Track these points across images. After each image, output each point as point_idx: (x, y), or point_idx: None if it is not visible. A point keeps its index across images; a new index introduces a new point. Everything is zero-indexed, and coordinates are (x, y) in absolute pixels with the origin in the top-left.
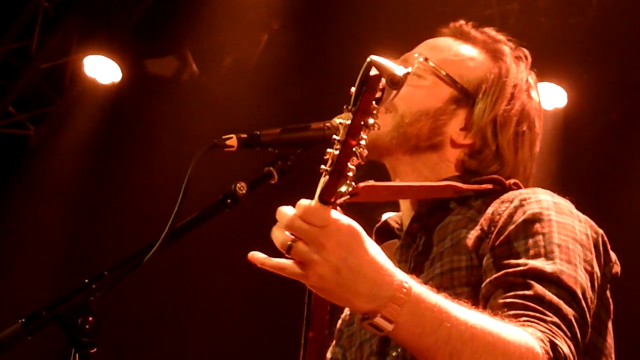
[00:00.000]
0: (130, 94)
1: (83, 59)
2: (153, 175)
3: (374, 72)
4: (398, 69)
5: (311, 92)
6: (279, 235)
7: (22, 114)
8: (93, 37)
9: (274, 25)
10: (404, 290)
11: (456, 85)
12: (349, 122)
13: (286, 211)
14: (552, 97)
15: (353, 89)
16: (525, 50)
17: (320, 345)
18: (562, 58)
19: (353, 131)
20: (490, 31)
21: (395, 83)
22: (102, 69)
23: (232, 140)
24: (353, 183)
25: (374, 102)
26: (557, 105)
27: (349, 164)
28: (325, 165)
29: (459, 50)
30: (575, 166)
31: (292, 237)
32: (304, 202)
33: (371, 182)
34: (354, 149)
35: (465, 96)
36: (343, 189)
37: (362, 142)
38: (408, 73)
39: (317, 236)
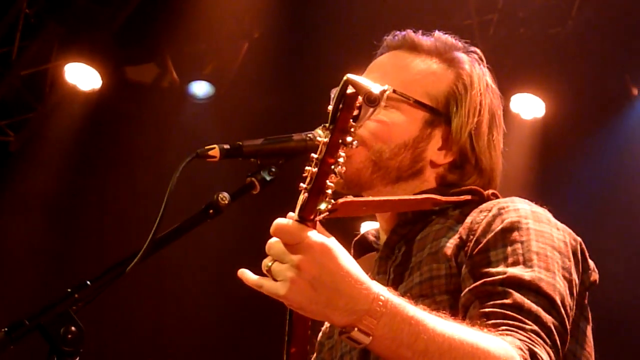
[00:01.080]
0: (111, 100)
1: (63, 65)
2: (133, 182)
3: (350, 90)
4: (374, 87)
5: (291, 100)
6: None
7: (2, 120)
8: (74, 44)
9: (254, 34)
10: (380, 302)
11: (427, 107)
12: (326, 140)
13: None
14: (530, 107)
15: (330, 107)
16: (474, 48)
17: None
18: (540, 68)
19: (331, 149)
20: (439, 36)
21: (372, 101)
22: (82, 76)
23: (215, 151)
24: (332, 200)
25: (351, 120)
26: (535, 115)
27: (327, 181)
28: (304, 183)
29: (418, 67)
30: (553, 175)
31: (273, 257)
32: (278, 221)
33: (350, 198)
34: (332, 167)
35: (437, 116)
36: (322, 206)
37: (340, 160)
38: (384, 90)
39: (290, 255)
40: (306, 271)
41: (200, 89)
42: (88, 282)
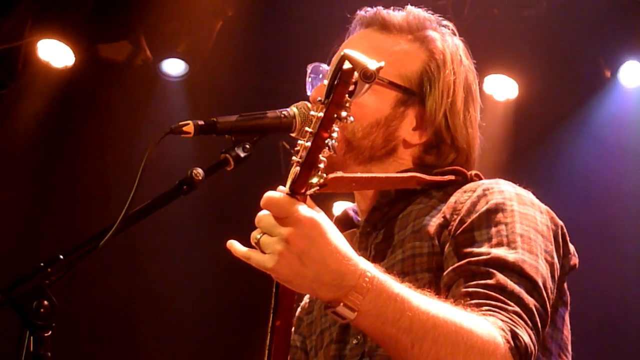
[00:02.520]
0: (84, 78)
1: (37, 42)
2: (106, 159)
3: (347, 65)
4: (371, 63)
5: (265, 79)
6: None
7: None
8: (47, 21)
9: (228, 12)
10: (367, 279)
11: (400, 88)
12: (321, 114)
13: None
14: (503, 88)
15: (325, 82)
16: (446, 22)
17: (287, 334)
18: (514, 50)
19: (326, 123)
20: (411, 11)
21: (369, 77)
22: (55, 53)
23: (189, 127)
24: (324, 174)
25: (346, 95)
26: (508, 97)
27: (320, 155)
28: (296, 156)
29: (391, 47)
30: (525, 156)
31: (262, 230)
32: (268, 194)
33: (340, 174)
34: (326, 141)
35: (410, 96)
36: (314, 180)
37: (334, 135)
38: (381, 67)
39: (279, 228)
40: (295, 245)
41: (174, 66)
42: (61, 257)
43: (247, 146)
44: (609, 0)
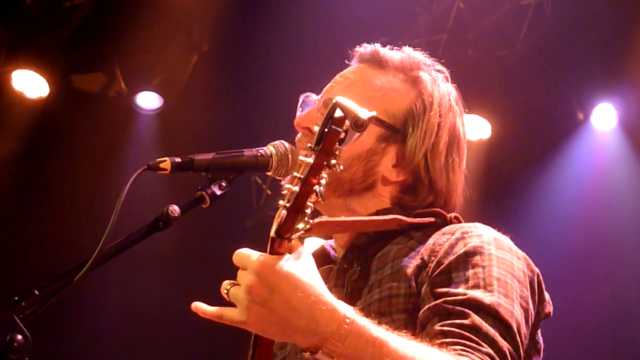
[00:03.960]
0: (58, 109)
1: (11, 72)
2: (79, 191)
3: (338, 113)
4: (362, 112)
5: (239, 114)
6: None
7: None
8: (21, 51)
9: (203, 47)
10: (346, 324)
11: (383, 124)
12: (311, 160)
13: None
14: (476, 128)
15: (316, 128)
16: (441, 66)
17: None
18: (487, 90)
19: (315, 170)
20: (407, 51)
21: (359, 125)
22: (30, 83)
23: (166, 164)
24: (310, 220)
25: (337, 144)
26: (481, 137)
27: (307, 201)
28: (283, 200)
29: (381, 84)
30: (497, 196)
31: (232, 282)
32: (241, 251)
33: (325, 218)
34: (314, 187)
35: (393, 132)
36: (300, 226)
37: (323, 181)
38: (373, 116)
39: (242, 278)
40: (256, 294)
41: (148, 99)
42: (35, 291)
43: (224, 184)
44: (582, 42)
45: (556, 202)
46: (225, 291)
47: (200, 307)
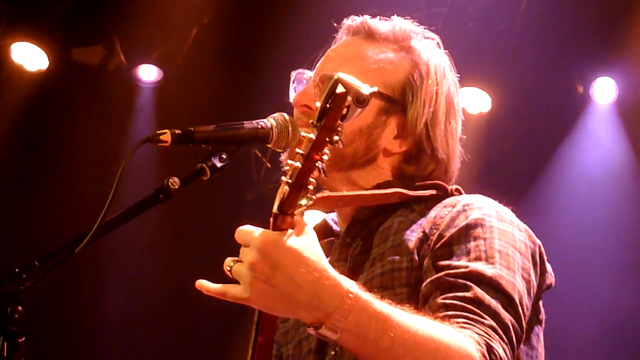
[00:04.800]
0: (57, 81)
1: (10, 45)
2: (79, 163)
3: (340, 89)
4: (364, 87)
5: (239, 87)
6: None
7: None
8: (20, 24)
9: (203, 19)
10: (349, 298)
11: (382, 96)
12: (313, 136)
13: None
14: (476, 101)
15: (318, 104)
16: (432, 34)
17: (268, 350)
18: (487, 63)
19: (317, 147)
20: (396, 21)
21: (362, 101)
22: (29, 56)
23: (166, 136)
24: (313, 196)
25: (339, 120)
26: (481, 110)
27: (310, 177)
28: (286, 177)
29: (375, 56)
30: (497, 170)
31: (235, 259)
32: (242, 228)
33: (327, 193)
34: (317, 164)
35: (392, 104)
36: (303, 202)
37: (325, 157)
38: (374, 92)
39: (245, 255)
40: (259, 270)
41: (148, 72)
42: (36, 263)
43: (224, 156)
44: (582, 16)
45: (556, 175)
46: (229, 268)
47: (204, 284)
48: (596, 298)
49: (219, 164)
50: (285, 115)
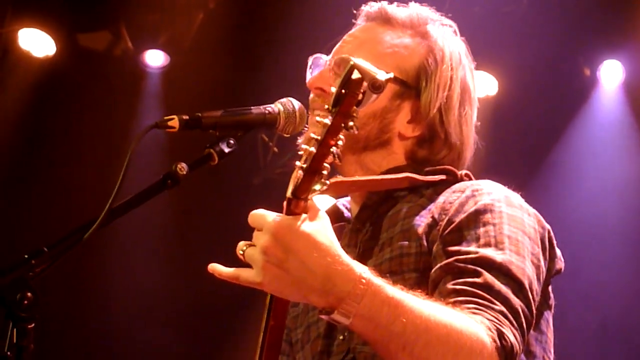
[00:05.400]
0: (64, 67)
1: (17, 31)
2: (86, 148)
3: (356, 75)
4: (380, 74)
5: (246, 71)
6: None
7: None
8: (27, 10)
9: (209, 4)
10: (362, 284)
11: (397, 80)
12: (328, 122)
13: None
14: (483, 85)
15: (333, 89)
16: (448, 20)
17: (280, 334)
18: (494, 47)
19: (332, 132)
20: (414, 7)
21: (377, 87)
22: (36, 42)
23: (174, 122)
24: (326, 181)
25: (354, 105)
26: (488, 93)
27: (324, 163)
28: (300, 161)
29: (391, 41)
30: (504, 154)
31: (248, 242)
32: (255, 212)
33: (340, 178)
34: (331, 149)
35: (407, 89)
36: (317, 187)
37: (339, 143)
38: (390, 78)
39: (258, 239)
40: (272, 254)
41: (155, 57)
42: (45, 249)
43: (232, 141)
44: None
45: (564, 158)
46: (241, 252)
47: (217, 268)
48: (606, 282)
49: (226, 150)
50: (293, 100)
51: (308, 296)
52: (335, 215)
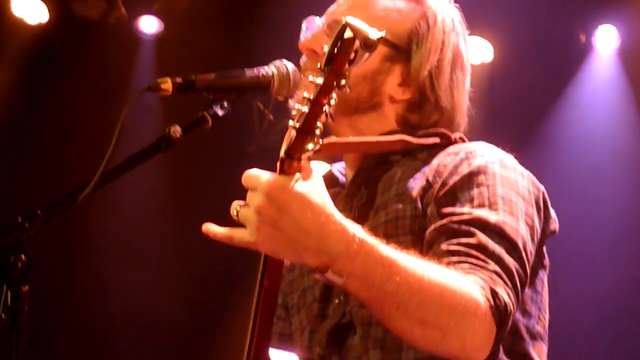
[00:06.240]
0: (58, 35)
1: None
2: (81, 114)
3: (348, 34)
4: (372, 32)
5: (240, 37)
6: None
7: None
8: None
9: None
10: (356, 243)
11: (388, 43)
12: (320, 81)
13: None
14: (479, 51)
15: (326, 48)
16: None
17: (274, 294)
18: (489, 13)
19: (325, 91)
20: None
21: (369, 46)
22: (29, 9)
23: (167, 85)
24: (319, 141)
25: (347, 64)
26: (483, 60)
27: (317, 122)
28: (293, 121)
29: (384, 4)
30: (500, 119)
31: (241, 202)
32: (249, 172)
33: (334, 139)
34: (324, 108)
35: (398, 52)
36: (310, 146)
37: (332, 102)
38: (382, 37)
39: (252, 199)
40: (265, 214)
41: (148, 24)
42: (38, 212)
43: (225, 105)
44: None
45: (559, 124)
46: (235, 212)
47: (211, 228)
48: (600, 246)
49: (220, 112)
50: (287, 62)
51: (302, 255)
52: (330, 180)
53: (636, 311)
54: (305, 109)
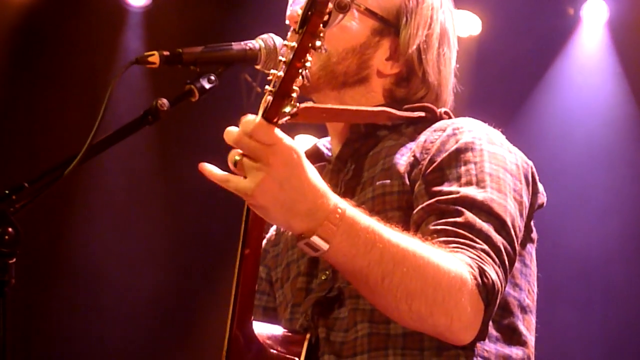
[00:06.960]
0: (45, 7)
1: None
2: (67, 87)
3: None
4: None
5: (229, 10)
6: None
7: None
8: None
9: None
10: (339, 212)
11: (376, 16)
12: (294, 44)
13: (234, 129)
14: (467, 24)
15: (299, 11)
16: None
17: (255, 263)
18: None
19: (299, 53)
20: None
21: (343, 7)
22: None
23: (154, 57)
24: (296, 104)
25: (321, 25)
26: (471, 33)
27: (293, 85)
28: (269, 86)
29: None
30: (487, 93)
31: (240, 152)
32: (250, 117)
33: (310, 104)
34: (299, 71)
35: (386, 26)
36: (286, 110)
37: (307, 65)
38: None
39: (264, 153)
40: (277, 171)
41: None
42: (25, 184)
43: (212, 77)
44: None
45: (547, 98)
46: (234, 162)
47: (207, 168)
48: (586, 218)
49: (207, 85)
50: (274, 36)
51: (290, 219)
52: (315, 155)
53: (624, 282)
54: (281, 73)
